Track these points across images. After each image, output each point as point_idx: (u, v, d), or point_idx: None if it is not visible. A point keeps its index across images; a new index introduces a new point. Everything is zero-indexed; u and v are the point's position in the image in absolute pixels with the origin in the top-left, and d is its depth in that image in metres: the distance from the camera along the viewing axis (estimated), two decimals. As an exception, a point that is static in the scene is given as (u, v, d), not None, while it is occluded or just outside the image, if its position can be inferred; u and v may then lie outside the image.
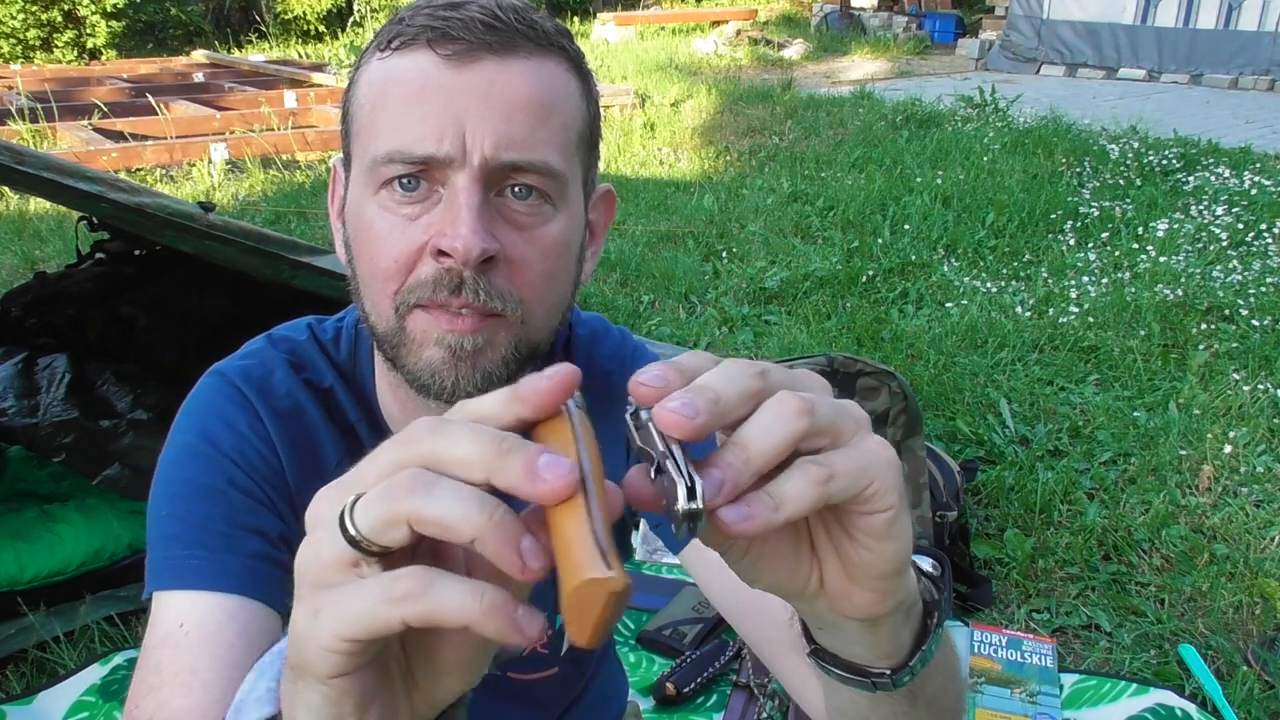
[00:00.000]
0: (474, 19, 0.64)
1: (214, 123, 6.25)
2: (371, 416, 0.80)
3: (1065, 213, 4.43)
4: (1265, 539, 2.17)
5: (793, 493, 0.39)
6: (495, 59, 0.64)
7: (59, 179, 1.61)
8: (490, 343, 0.67)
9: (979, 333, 3.23)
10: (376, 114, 0.66)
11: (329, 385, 0.79)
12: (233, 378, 0.76)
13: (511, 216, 0.66)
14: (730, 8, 12.71)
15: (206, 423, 0.74)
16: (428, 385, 0.67)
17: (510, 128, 0.64)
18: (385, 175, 0.65)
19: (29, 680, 1.76)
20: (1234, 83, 8.38)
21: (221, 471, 0.72)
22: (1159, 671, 1.82)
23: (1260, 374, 2.93)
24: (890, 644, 0.49)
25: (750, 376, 0.40)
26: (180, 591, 0.69)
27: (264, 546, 0.72)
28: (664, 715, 1.74)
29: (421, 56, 0.64)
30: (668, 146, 6.24)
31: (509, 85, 0.64)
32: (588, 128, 0.71)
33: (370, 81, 0.67)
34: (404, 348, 0.67)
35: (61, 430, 2.29)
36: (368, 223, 0.67)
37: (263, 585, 0.71)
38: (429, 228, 0.65)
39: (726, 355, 2.62)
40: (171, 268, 2.83)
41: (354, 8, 13.23)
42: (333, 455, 0.77)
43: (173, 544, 0.71)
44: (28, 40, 11.07)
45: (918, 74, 9.42)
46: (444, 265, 0.64)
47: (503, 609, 0.35)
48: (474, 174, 0.64)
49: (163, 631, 0.68)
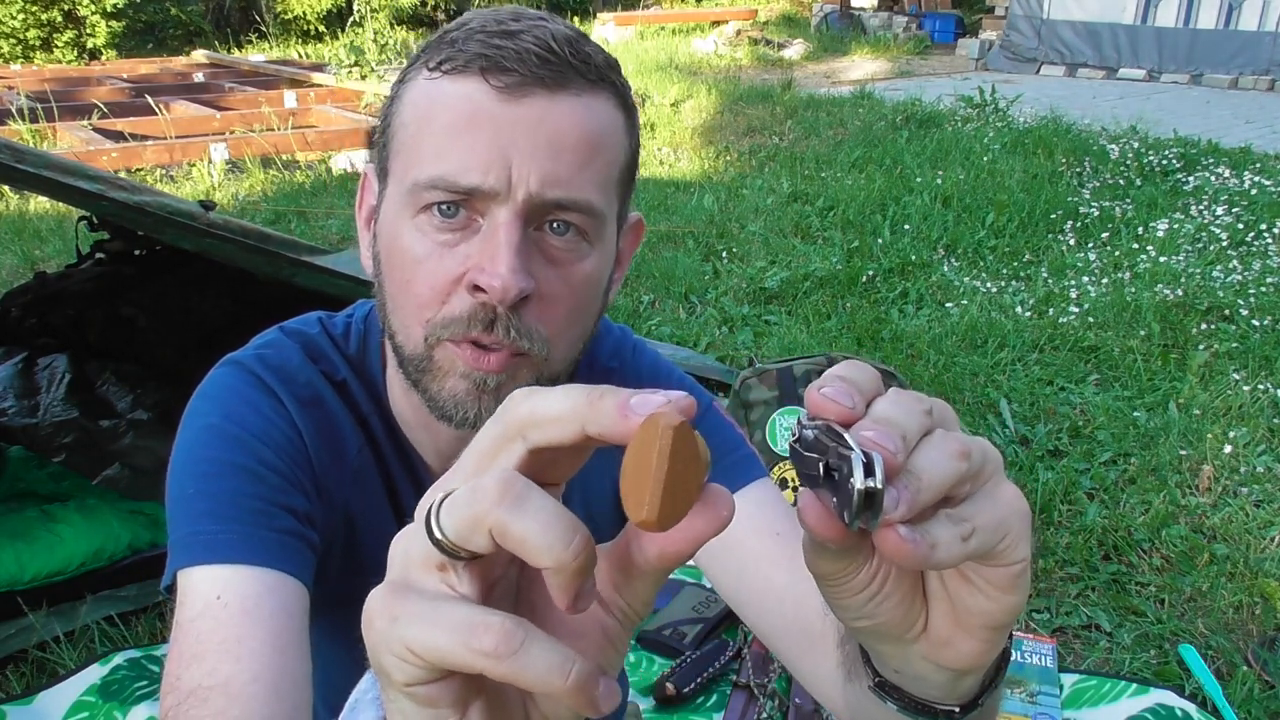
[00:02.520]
0: (528, 51, 0.63)
1: (214, 123, 6.25)
2: (382, 411, 0.81)
3: (1065, 213, 4.43)
4: (1265, 539, 2.17)
5: (944, 540, 0.38)
6: (546, 94, 0.64)
7: (59, 177, 1.61)
8: (513, 379, 0.67)
9: (979, 333, 3.23)
10: (422, 136, 0.65)
11: (342, 378, 0.80)
12: (251, 365, 0.76)
13: (548, 252, 0.66)
14: (730, 8, 12.71)
15: (230, 405, 0.74)
16: (449, 414, 0.68)
17: (557, 166, 0.64)
18: (426, 200, 0.65)
19: (29, 680, 1.76)
20: (1234, 83, 8.38)
21: (250, 451, 0.72)
22: (1159, 671, 1.82)
23: (1260, 374, 2.93)
24: (971, 688, 0.48)
25: (922, 414, 0.40)
26: (214, 566, 0.67)
27: (295, 524, 0.71)
28: (664, 715, 1.74)
29: (472, 84, 0.64)
30: (668, 146, 6.24)
31: (559, 122, 0.64)
32: (629, 163, 0.72)
33: (416, 101, 0.67)
34: (429, 374, 0.68)
35: (61, 430, 2.29)
36: (404, 245, 0.67)
37: (296, 561, 0.70)
38: (467, 259, 0.64)
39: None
40: (171, 268, 2.83)
41: (354, 7, 13.22)
42: (353, 444, 0.78)
43: (204, 519, 0.69)
44: (28, 40, 11.07)
45: (918, 74, 9.42)
46: (479, 300, 0.64)
47: (587, 685, 0.33)
48: (516, 209, 0.63)
49: (199, 605, 0.66)
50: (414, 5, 14.11)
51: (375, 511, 0.81)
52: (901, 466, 0.37)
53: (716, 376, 2.68)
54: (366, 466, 0.80)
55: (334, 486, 0.78)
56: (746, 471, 0.85)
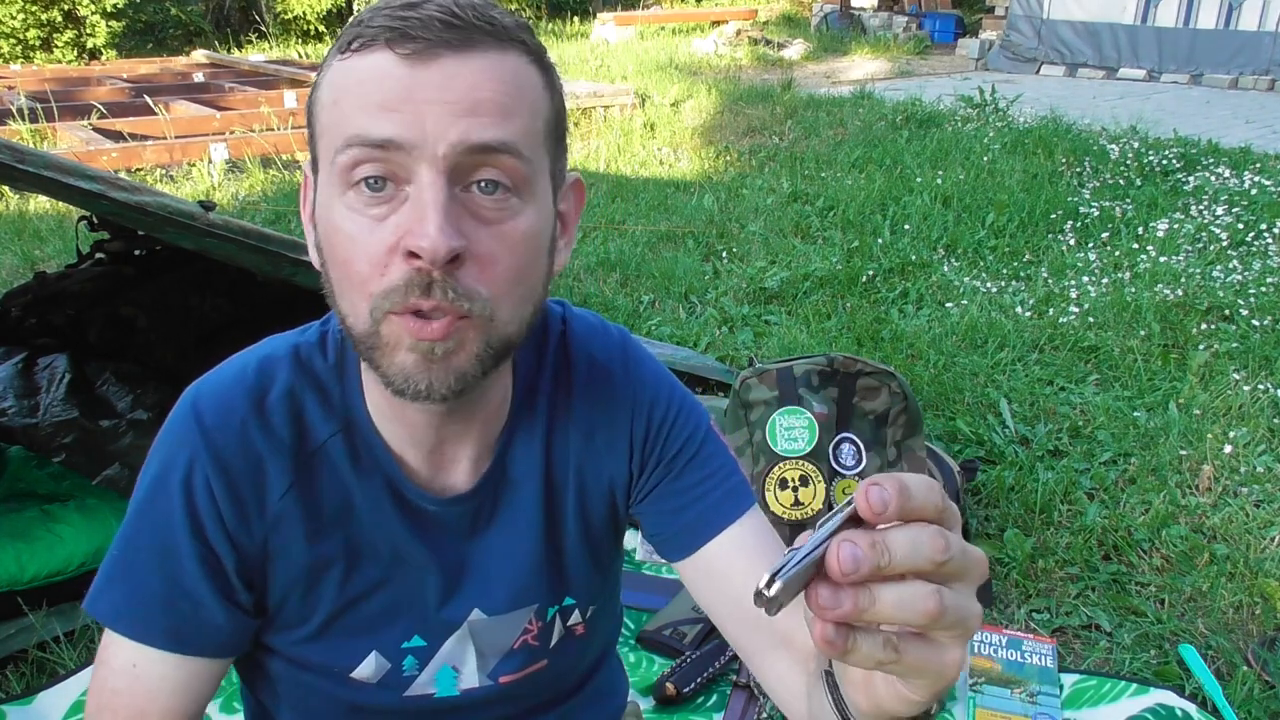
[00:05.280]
0: (432, 17, 0.63)
1: (214, 123, 6.25)
2: (350, 429, 0.79)
3: (1065, 213, 4.43)
4: (1265, 539, 2.17)
5: (864, 650, 0.46)
6: (455, 55, 0.64)
7: (59, 177, 1.61)
8: (461, 344, 0.66)
9: (979, 333, 3.23)
10: (337, 113, 0.66)
11: (319, 401, 0.79)
12: (196, 414, 0.76)
13: (478, 212, 0.66)
14: (730, 8, 12.72)
15: (165, 472, 0.75)
16: (401, 389, 0.67)
17: (475, 119, 0.64)
18: (349, 171, 0.65)
19: (29, 680, 1.76)
20: (1234, 83, 8.38)
21: (166, 532, 0.75)
22: (1159, 671, 1.82)
23: (1260, 374, 2.93)
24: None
25: (940, 551, 0.45)
26: (129, 640, 0.75)
27: (203, 605, 0.76)
28: (664, 715, 1.74)
29: (380, 56, 0.64)
30: (668, 146, 6.24)
31: (470, 79, 0.64)
32: (553, 119, 0.71)
33: (331, 83, 0.67)
34: (378, 351, 0.67)
35: (61, 430, 2.29)
36: (336, 225, 0.66)
37: (198, 643, 0.76)
38: (397, 228, 0.64)
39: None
40: (171, 268, 2.83)
41: (354, 8, 13.23)
42: (279, 487, 0.77)
43: (119, 583, 0.76)
44: (28, 40, 11.07)
45: (918, 74, 9.42)
46: (414, 266, 0.63)
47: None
48: (438, 167, 0.63)
49: (119, 661, 0.76)
50: (414, 5, 14.08)
51: (377, 509, 0.80)
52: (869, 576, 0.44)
53: (716, 376, 2.68)
54: (348, 485, 0.79)
55: (315, 530, 0.78)
56: (739, 502, 0.86)
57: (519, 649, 0.88)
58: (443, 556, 0.82)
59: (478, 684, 0.87)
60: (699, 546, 0.85)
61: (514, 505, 0.84)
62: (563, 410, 0.85)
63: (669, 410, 0.88)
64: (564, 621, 0.90)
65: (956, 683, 0.55)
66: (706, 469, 0.87)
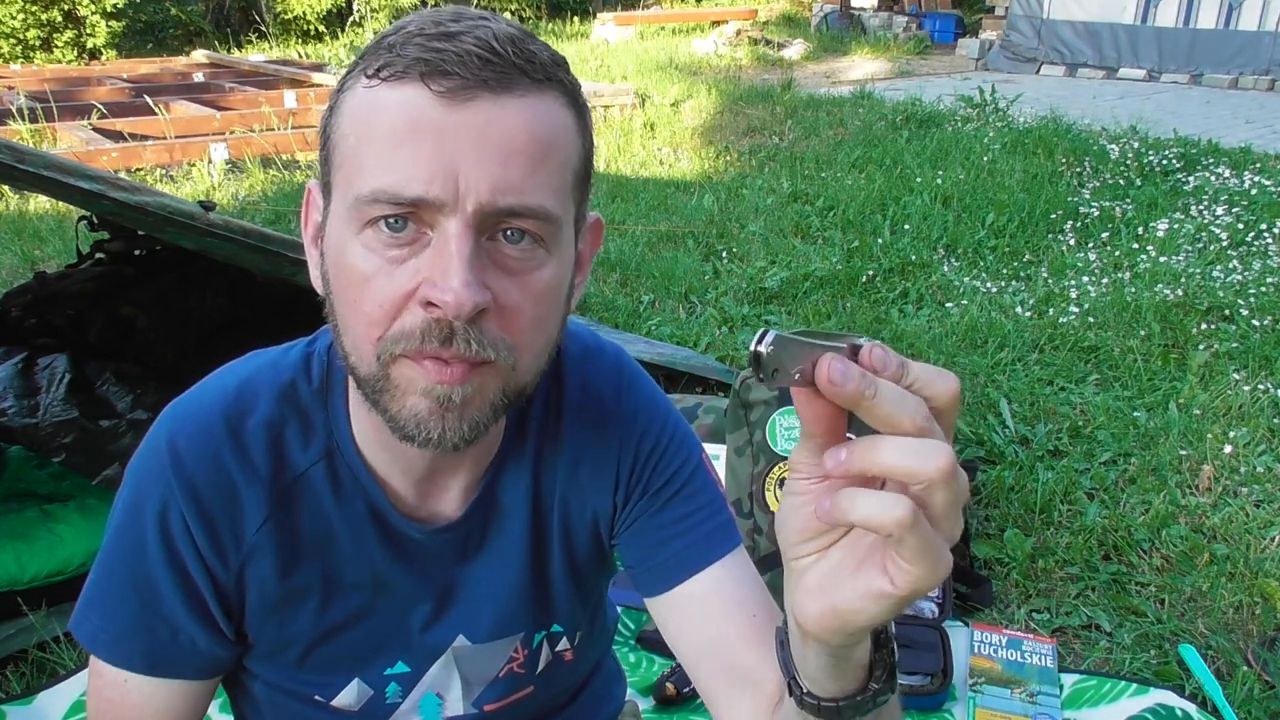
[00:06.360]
0: (469, 52, 0.59)
1: (214, 123, 6.25)
2: (332, 455, 0.77)
3: (1065, 213, 4.43)
4: (1265, 539, 2.17)
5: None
6: (491, 97, 0.60)
7: (59, 177, 1.61)
8: (479, 391, 0.64)
9: (979, 333, 3.23)
10: (362, 148, 0.62)
11: (301, 423, 0.77)
12: (171, 442, 0.74)
13: (503, 261, 0.63)
14: (730, 8, 12.71)
15: (139, 501, 0.74)
16: (411, 435, 0.64)
17: (506, 173, 0.60)
18: (371, 214, 0.61)
19: (29, 680, 1.76)
20: (1234, 83, 8.38)
21: (141, 560, 0.74)
22: (1159, 671, 1.82)
23: (1260, 374, 2.93)
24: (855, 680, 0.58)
25: (924, 418, 0.45)
26: (112, 665, 0.76)
27: (180, 632, 0.76)
28: (664, 715, 1.74)
29: (412, 91, 0.60)
30: (668, 146, 6.24)
31: (506, 126, 0.60)
32: (583, 165, 0.68)
33: (355, 111, 0.63)
34: (387, 394, 0.64)
35: (61, 430, 2.29)
36: (351, 263, 0.63)
37: (176, 667, 0.77)
38: (417, 273, 0.61)
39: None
40: (171, 267, 2.83)
41: (354, 8, 13.23)
42: (255, 519, 0.75)
43: (96, 606, 0.76)
44: (28, 40, 11.07)
45: (918, 74, 9.42)
46: (433, 316, 0.60)
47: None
48: (467, 220, 0.60)
49: (111, 675, 0.76)
50: (414, 5, 14.11)
51: (359, 537, 0.78)
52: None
53: (716, 376, 2.68)
54: (329, 509, 0.78)
55: (295, 548, 0.77)
56: (722, 542, 0.83)
57: (504, 677, 0.87)
58: (428, 582, 0.81)
59: (463, 712, 0.86)
60: (676, 584, 0.82)
61: (503, 532, 0.82)
62: (552, 438, 0.83)
63: (659, 441, 0.85)
64: (551, 648, 0.88)
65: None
66: (692, 504, 0.84)
